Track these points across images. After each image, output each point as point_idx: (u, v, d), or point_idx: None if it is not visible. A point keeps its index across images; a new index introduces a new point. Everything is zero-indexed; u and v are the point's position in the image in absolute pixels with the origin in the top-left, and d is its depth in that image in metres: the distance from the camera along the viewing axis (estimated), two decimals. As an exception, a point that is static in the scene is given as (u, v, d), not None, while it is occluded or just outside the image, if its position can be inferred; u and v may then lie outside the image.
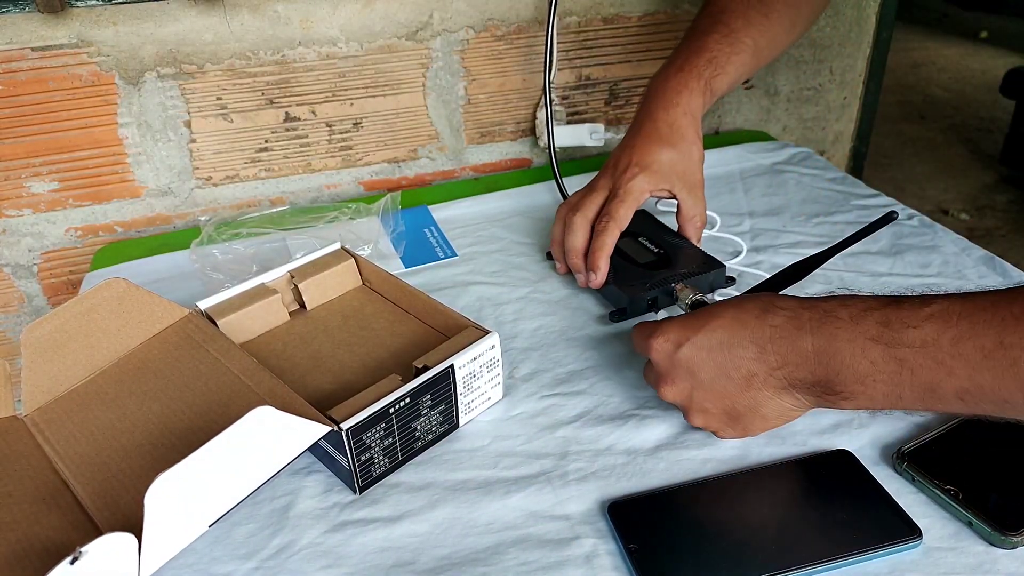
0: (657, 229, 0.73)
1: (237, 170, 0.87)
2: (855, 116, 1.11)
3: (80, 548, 0.36)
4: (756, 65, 0.73)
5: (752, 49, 0.70)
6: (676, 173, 0.68)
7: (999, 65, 2.89)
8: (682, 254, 0.69)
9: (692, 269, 0.66)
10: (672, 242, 0.70)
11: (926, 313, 0.42)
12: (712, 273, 0.66)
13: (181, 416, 0.51)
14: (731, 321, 0.48)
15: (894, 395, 0.43)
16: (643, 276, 0.66)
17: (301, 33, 0.82)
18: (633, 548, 0.44)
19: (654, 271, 0.66)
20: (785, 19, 0.73)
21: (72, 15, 0.75)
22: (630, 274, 0.66)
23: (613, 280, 0.65)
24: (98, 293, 0.56)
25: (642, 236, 0.71)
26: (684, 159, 0.68)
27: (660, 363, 0.50)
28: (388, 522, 0.48)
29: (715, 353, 0.48)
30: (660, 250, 0.69)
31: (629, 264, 0.68)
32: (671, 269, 0.66)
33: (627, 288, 0.64)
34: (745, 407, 0.49)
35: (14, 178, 0.81)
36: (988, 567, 0.43)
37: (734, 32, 0.70)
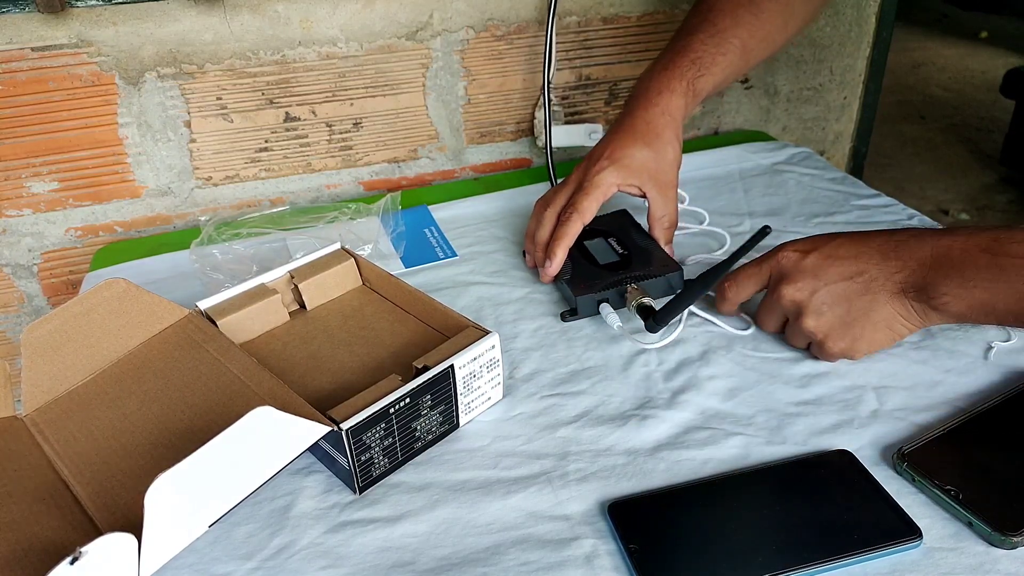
0: (630, 231, 0.72)
1: (237, 170, 0.87)
2: (855, 116, 1.11)
3: (80, 548, 0.36)
4: (745, 64, 0.73)
5: (740, 49, 0.70)
6: (647, 171, 0.68)
7: (999, 65, 2.89)
8: (644, 256, 0.68)
9: (649, 271, 0.66)
10: (640, 244, 0.70)
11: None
12: (669, 276, 0.66)
13: (181, 416, 0.51)
14: (858, 235, 0.55)
15: (989, 304, 0.50)
16: (598, 276, 0.66)
17: (301, 33, 0.82)
18: (633, 548, 0.44)
19: (611, 272, 0.66)
20: (777, 17, 0.72)
21: (72, 15, 0.75)
22: (587, 274, 0.66)
23: (568, 279, 0.66)
24: (98, 293, 0.56)
25: (612, 236, 0.71)
26: (657, 158, 0.68)
27: (786, 267, 0.55)
28: (388, 522, 0.48)
29: (841, 259, 0.54)
30: (624, 251, 0.69)
31: (589, 264, 0.68)
32: (628, 270, 0.66)
33: (578, 288, 0.64)
34: (860, 310, 0.54)
35: (14, 178, 0.81)
36: (988, 567, 0.43)
37: (721, 32, 0.69)
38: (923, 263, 0.52)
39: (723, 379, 0.58)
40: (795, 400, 0.55)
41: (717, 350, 0.61)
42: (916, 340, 0.60)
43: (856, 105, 1.10)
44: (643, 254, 0.69)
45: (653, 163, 0.68)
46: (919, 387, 0.56)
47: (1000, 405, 0.53)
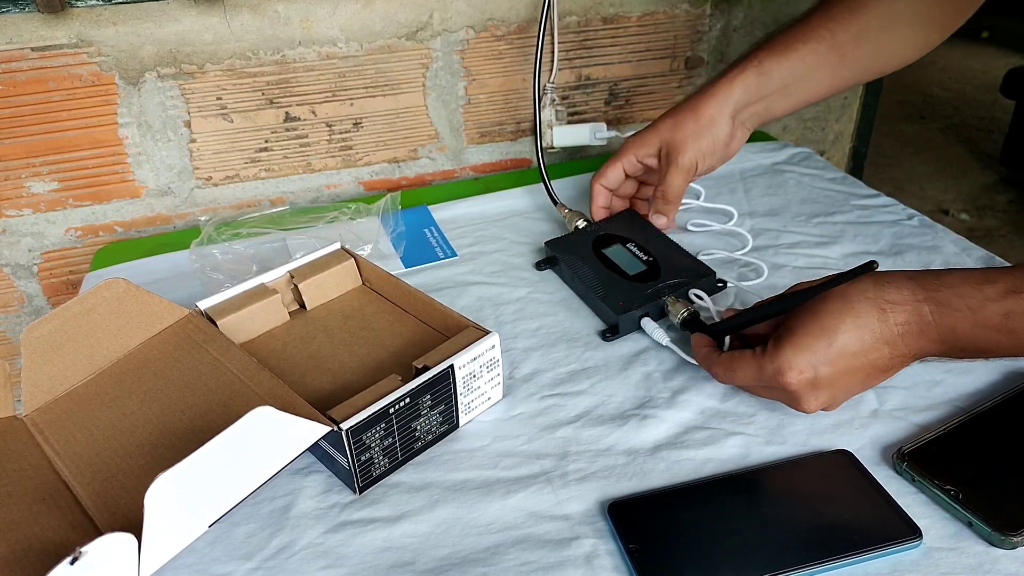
0: (645, 232, 0.72)
1: (237, 170, 0.87)
2: (855, 116, 1.11)
3: (80, 548, 0.36)
4: (840, 59, 0.68)
5: (828, 41, 0.67)
6: (663, 142, 0.68)
7: (999, 65, 2.89)
8: (672, 262, 0.68)
9: (684, 280, 0.65)
10: (662, 247, 0.69)
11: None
12: (703, 281, 0.66)
13: (181, 416, 0.51)
14: (856, 330, 0.49)
15: (1013, 354, 0.51)
16: (633, 290, 0.65)
17: (301, 33, 0.82)
18: (633, 548, 0.44)
19: (644, 283, 0.65)
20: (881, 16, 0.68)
21: (72, 15, 0.75)
22: (620, 288, 0.65)
23: (602, 296, 0.64)
24: (98, 293, 0.56)
25: (630, 242, 0.70)
26: (678, 130, 0.68)
27: (801, 391, 0.50)
28: (388, 522, 0.48)
29: (852, 363, 0.50)
30: (649, 257, 0.68)
31: (618, 277, 0.66)
32: (661, 279, 0.65)
33: (617, 306, 0.63)
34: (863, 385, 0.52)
35: (14, 178, 0.81)
36: (988, 567, 0.43)
37: (807, 22, 0.68)
38: (934, 342, 0.49)
39: (723, 379, 0.58)
40: (795, 400, 0.55)
41: (717, 350, 0.61)
42: (916, 340, 0.60)
43: (856, 105, 1.10)
44: (669, 259, 0.68)
45: (670, 135, 0.68)
46: (919, 387, 0.56)
47: (1000, 405, 0.53)
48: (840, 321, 0.49)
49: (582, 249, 0.71)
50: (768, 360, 0.50)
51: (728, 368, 0.53)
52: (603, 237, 0.71)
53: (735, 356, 0.53)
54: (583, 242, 0.72)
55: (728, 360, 0.54)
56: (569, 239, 0.73)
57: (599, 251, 0.69)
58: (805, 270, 0.70)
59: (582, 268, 0.68)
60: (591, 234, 0.73)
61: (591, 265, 0.68)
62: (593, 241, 0.71)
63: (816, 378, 0.49)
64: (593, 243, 0.71)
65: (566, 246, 0.72)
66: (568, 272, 0.69)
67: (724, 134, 0.69)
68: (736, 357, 0.53)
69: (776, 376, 0.50)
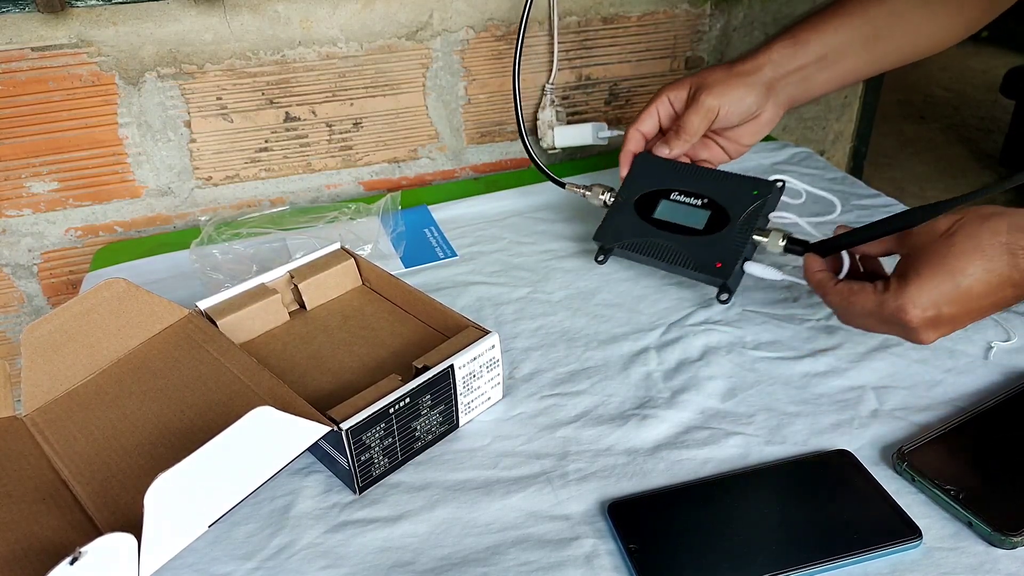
0: (675, 173, 0.68)
1: (237, 170, 0.87)
2: (855, 116, 1.11)
3: (80, 548, 0.36)
4: (872, 29, 0.68)
5: (860, 12, 0.67)
6: (693, 83, 0.68)
7: (999, 65, 2.89)
8: (727, 193, 0.64)
9: (754, 207, 0.62)
10: (703, 182, 0.66)
11: None
12: (771, 198, 0.63)
13: (181, 416, 0.51)
14: (984, 273, 0.49)
15: None
16: (717, 244, 0.62)
17: (301, 33, 0.82)
18: (633, 548, 0.44)
19: (720, 230, 0.62)
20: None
21: (72, 15, 0.75)
22: (702, 248, 0.62)
23: (694, 266, 0.62)
24: (98, 293, 0.56)
25: (672, 192, 0.67)
26: (710, 74, 0.68)
27: (922, 329, 0.50)
28: (388, 522, 0.48)
29: (976, 304, 0.49)
30: (703, 200, 0.65)
31: (691, 236, 0.63)
32: (732, 219, 0.62)
33: (716, 269, 0.61)
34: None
35: (14, 178, 0.81)
36: (988, 567, 0.43)
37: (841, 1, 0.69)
38: None
39: (723, 379, 0.58)
40: (795, 400, 0.55)
41: (717, 350, 0.61)
42: (916, 340, 0.60)
43: (856, 105, 1.10)
44: (722, 192, 0.65)
45: (701, 80, 0.68)
46: (919, 387, 0.56)
47: (1000, 405, 0.53)
48: (968, 263, 0.49)
49: (632, 225, 0.67)
50: (891, 297, 0.50)
51: (845, 299, 0.53)
52: (642, 201, 0.67)
53: (854, 288, 0.53)
54: (627, 217, 0.68)
55: (846, 291, 0.53)
56: (611, 222, 0.69)
57: (650, 218, 0.66)
58: (805, 270, 0.70)
59: (648, 245, 0.65)
60: (625, 204, 0.69)
61: (655, 238, 0.65)
62: (636, 211, 0.68)
63: (939, 316, 0.50)
64: (638, 213, 0.67)
65: (614, 230, 0.69)
66: (636, 255, 0.67)
67: (755, 97, 0.68)
68: (856, 290, 0.53)
69: (898, 313, 0.50)
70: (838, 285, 0.54)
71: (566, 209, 0.83)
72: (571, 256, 0.74)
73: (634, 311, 0.66)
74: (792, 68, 0.68)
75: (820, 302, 0.65)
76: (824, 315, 0.64)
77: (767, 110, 0.69)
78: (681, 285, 0.69)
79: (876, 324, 0.53)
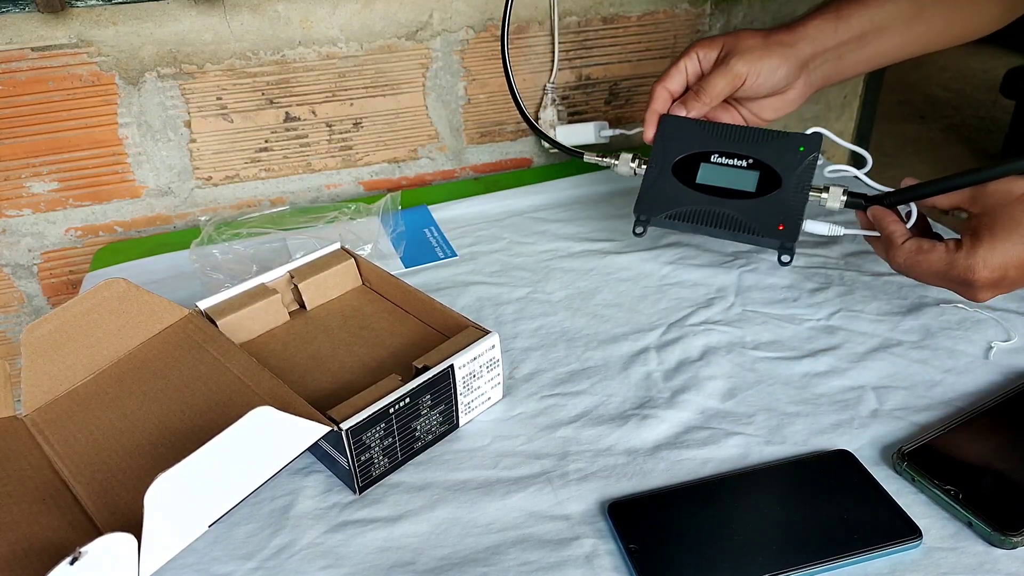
0: (712, 135, 0.65)
1: (237, 170, 0.87)
2: (855, 115, 1.11)
3: (80, 548, 0.36)
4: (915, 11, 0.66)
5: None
6: (723, 44, 0.65)
7: (999, 65, 2.89)
8: (771, 151, 0.62)
9: (807, 164, 0.60)
10: (742, 141, 0.64)
11: None
12: (815, 151, 0.61)
13: (181, 416, 0.51)
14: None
15: None
16: (774, 207, 0.60)
17: (301, 33, 0.82)
18: (633, 548, 0.44)
19: (773, 190, 0.61)
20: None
21: (72, 15, 0.75)
22: (760, 212, 0.60)
23: (756, 231, 0.61)
24: (98, 293, 0.56)
25: (712, 155, 0.64)
26: (744, 38, 0.65)
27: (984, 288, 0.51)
28: (388, 522, 0.48)
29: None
30: (747, 161, 0.62)
31: (744, 199, 0.61)
32: (784, 178, 0.60)
33: (777, 230, 0.59)
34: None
35: (14, 178, 0.81)
36: (988, 567, 0.43)
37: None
38: None
39: (723, 379, 0.58)
40: (795, 400, 0.55)
41: (717, 350, 0.61)
42: (916, 340, 0.60)
43: (856, 104, 1.10)
44: (765, 150, 0.62)
45: (735, 42, 0.65)
46: (919, 387, 0.56)
47: (1000, 405, 0.53)
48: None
49: (676, 193, 0.64)
50: (963, 256, 0.51)
51: (913, 256, 0.54)
52: (679, 167, 0.64)
53: (924, 247, 0.53)
54: (668, 185, 0.65)
55: (915, 248, 0.54)
56: (652, 191, 0.65)
57: (694, 185, 0.63)
58: (806, 269, 0.70)
59: (699, 214, 0.63)
60: (662, 171, 0.65)
61: (705, 205, 0.62)
62: (677, 177, 0.65)
63: (1004, 278, 0.50)
64: (679, 179, 0.64)
65: (658, 200, 0.65)
66: (684, 224, 0.64)
67: (788, 70, 0.64)
68: (926, 248, 0.53)
69: (966, 272, 0.51)
70: (907, 243, 0.55)
71: (566, 209, 0.83)
72: (571, 256, 0.74)
73: (634, 311, 0.66)
74: (831, 45, 0.65)
75: (820, 302, 0.65)
76: (824, 315, 0.64)
77: (796, 87, 0.66)
78: (681, 285, 0.69)
79: (937, 280, 0.54)
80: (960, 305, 0.64)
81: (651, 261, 0.72)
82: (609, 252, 0.74)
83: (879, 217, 0.58)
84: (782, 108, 0.68)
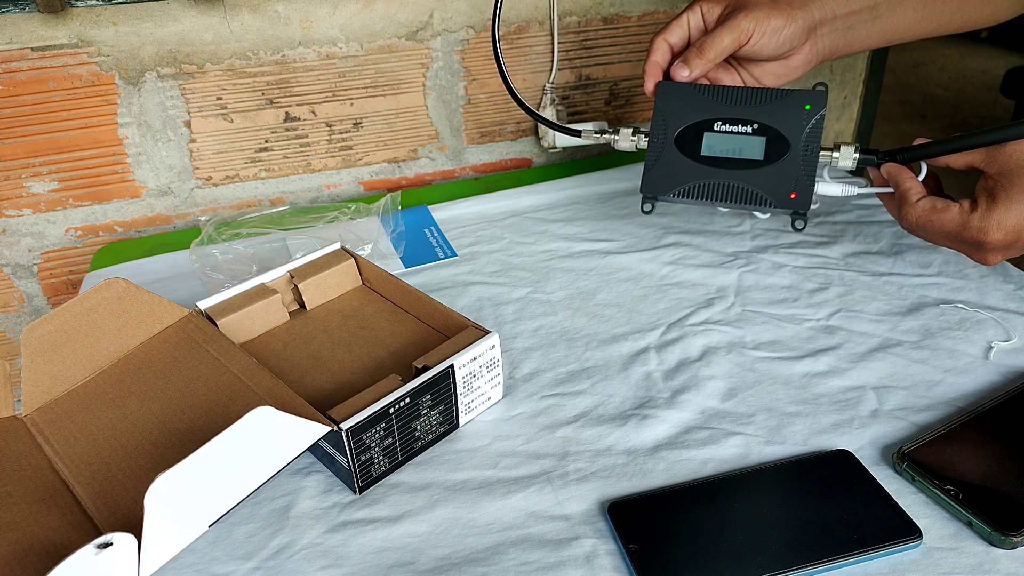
0: (712, 100, 0.62)
1: (237, 170, 0.87)
2: (855, 116, 1.11)
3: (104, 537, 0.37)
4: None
5: None
6: (729, 2, 0.62)
7: (999, 65, 2.89)
8: (775, 113, 0.59)
9: (814, 123, 0.58)
10: (747, 107, 0.60)
11: None
12: (822, 109, 0.58)
13: (181, 416, 0.51)
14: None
15: None
16: (784, 172, 0.58)
17: (301, 33, 0.82)
18: (633, 548, 0.44)
19: (783, 156, 0.58)
20: None
21: (72, 15, 0.75)
22: (771, 179, 0.58)
23: (769, 202, 0.58)
24: (98, 293, 0.56)
25: (715, 122, 0.61)
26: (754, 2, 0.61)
27: (996, 250, 0.51)
28: (388, 522, 0.48)
29: None
30: (752, 126, 0.60)
31: (753, 169, 0.59)
32: (792, 142, 0.58)
33: (788, 196, 0.57)
34: None
35: (14, 178, 0.81)
36: (988, 567, 0.43)
37: None
38: None
39: (723, 379, 0.58)
40: (795, 400, 0.55)
41: (717, 350, 0.61)
42: (916, 340, 0.60)
43: (856, 104, 1.10)
44: (770, 114, 0.59)
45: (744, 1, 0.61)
46: (919, 387, 0.56)
47: (1000, 405, 0.53)
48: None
49: (682, 168, 0.61)
50: (978, 217, 0.51)
51: (926, 215, 0.53)
52: (682, 139, 0.61)
53: (938, 207, 0.53)
54: (672, 160, 0.62)
55: (929, 207, 0.53)
56: (656, 168, 0.62)
57: (699, 157, 0.61)
58: (806, 269, 0.70)
59: (707, 189, 0.60)
60: (665, 145, 0.62)
61: (713, 179, 0.60)
62: (680, 151, 0.62)
63: (1016, 241, 0.50)
64: (683, 152, 0.61)
65: (664, 178, 0.62)
66: (696, 201, 0.61)
67: (794, 33, 0.61)
68: (939, 208, 0.53)
69: (979, 233, 0.50)
70: (920, 200, 0.54)
71: (566, 209, 0.83)
72: (571, 256, 0.74)
73: (634, 311, 0.66)
74: (841, 13, 0.62)
75: (820, 302, 0.65)
76: (824, 315, 0.64)
77: (802, 53, 0.63)
78: (681, 285, 0.69)
79: (947, 241, 0.54)
80: (960, 305, 0.64)
81: (651, 261, 0.72)
82: (609, 252, 0.74)
83: (894, 173, 0.56)
84: (784, 75, 0.65)
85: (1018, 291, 0.65)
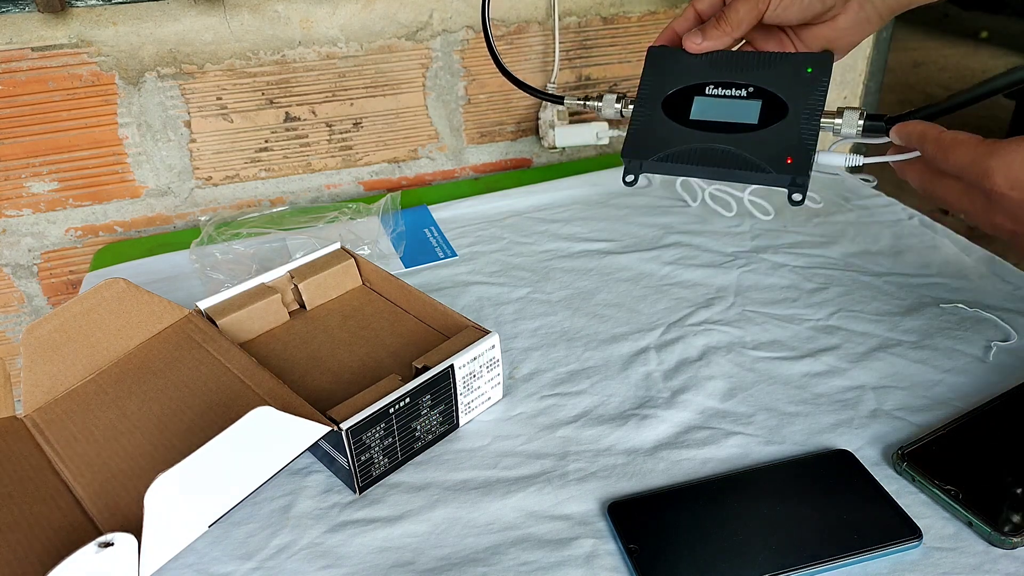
0: (705, 64, 0.56)
1: (237, 170, 0.87)
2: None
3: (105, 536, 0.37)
4: None
5: None
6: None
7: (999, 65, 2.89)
8: (774, 77, 0.54)
9: (817, 87, 0.53)
10: (744, 70, 0.55)
11: None
12: (826, 73, 0.53)
13: (181, 416, 0.51)
14: None
15: None
16: (781, 137, 0.53)
17: (301, 33, 0.82)
18: (633, 548, 0.44)
19: (780, 120, 0.53)
20: None
21: (72, 15, 0.75)
22: (766, 145, 0.53)
23: (761, 168, 0.52)
24: (98, 293, 0.56)
25: (706, 86, 0.56)
26: None
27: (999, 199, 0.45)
28: (388, 522, 0.48)
29: None
30: (747, 90, 0.54)
31: (746, 133, 0.53)
32: (790, 106, 0.53)
33: (788, 166, 0.51)
34: None
35: (14, 178, 0.81)
36: (988, 567, 0.43)
37: None
38: None
39: (723, 379, 0.58)
40: (794, 400, 0.55)
41: (717, 350, 0.61)
42: (916, 340, 0.60)
43: (856, 104, 1.10)
44: (768, 77, 0.54)
45: None
46: (919, 387, 0.56)
47: (1000, 405, 0.53)
48: None
49: (667, 132, 0.56)
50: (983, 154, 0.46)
51: (944, 149, 0.48)
52: (669, 103, 0.56)
53: (959, 138, 0.48)
54: (657, 123, 0.56)
55: (951, 140, 0.48)
56: (639, 132, 0.57)
57: (688, 121, 0.55)
58: (805, 269, 0.70)
59: (694, 153, 0.55)
60: (651, 109, 0.57)
61: (701, 143, 0.55)
62: (667, 114, 0.56)
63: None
64: (669, 116, 0.56)
65: (647, 141, 0.56)
66: (679, 166, 0.55)
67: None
68: (961, 140, 0.47)
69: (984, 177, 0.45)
70: (942, 134, 0.49)
71: (566, 209, 0.83)
72: (571, 256, 0.74)
73: (634, 311, 0.66)
74: None
75: (820, 302, 0.65)
76: (824, 315, 0.64)
77: (848, 12, 0.56)
78: (681, 285, 0.69)
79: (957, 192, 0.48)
80: (960, 305, 0.64)
81: (651, 261, 0.72)
82: (609, 252, 0.74)
83: (906, 130, 0.51)
84: (835, 38, 0.58)
85: (1017, 291, 0.65)
